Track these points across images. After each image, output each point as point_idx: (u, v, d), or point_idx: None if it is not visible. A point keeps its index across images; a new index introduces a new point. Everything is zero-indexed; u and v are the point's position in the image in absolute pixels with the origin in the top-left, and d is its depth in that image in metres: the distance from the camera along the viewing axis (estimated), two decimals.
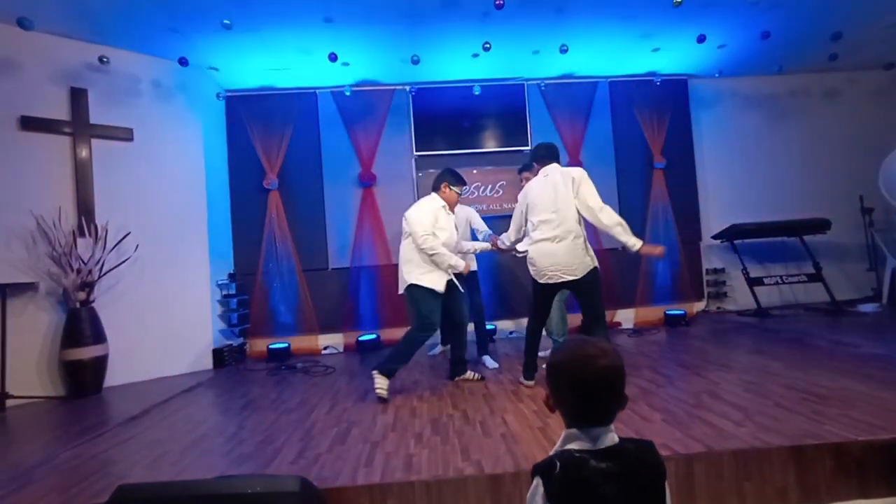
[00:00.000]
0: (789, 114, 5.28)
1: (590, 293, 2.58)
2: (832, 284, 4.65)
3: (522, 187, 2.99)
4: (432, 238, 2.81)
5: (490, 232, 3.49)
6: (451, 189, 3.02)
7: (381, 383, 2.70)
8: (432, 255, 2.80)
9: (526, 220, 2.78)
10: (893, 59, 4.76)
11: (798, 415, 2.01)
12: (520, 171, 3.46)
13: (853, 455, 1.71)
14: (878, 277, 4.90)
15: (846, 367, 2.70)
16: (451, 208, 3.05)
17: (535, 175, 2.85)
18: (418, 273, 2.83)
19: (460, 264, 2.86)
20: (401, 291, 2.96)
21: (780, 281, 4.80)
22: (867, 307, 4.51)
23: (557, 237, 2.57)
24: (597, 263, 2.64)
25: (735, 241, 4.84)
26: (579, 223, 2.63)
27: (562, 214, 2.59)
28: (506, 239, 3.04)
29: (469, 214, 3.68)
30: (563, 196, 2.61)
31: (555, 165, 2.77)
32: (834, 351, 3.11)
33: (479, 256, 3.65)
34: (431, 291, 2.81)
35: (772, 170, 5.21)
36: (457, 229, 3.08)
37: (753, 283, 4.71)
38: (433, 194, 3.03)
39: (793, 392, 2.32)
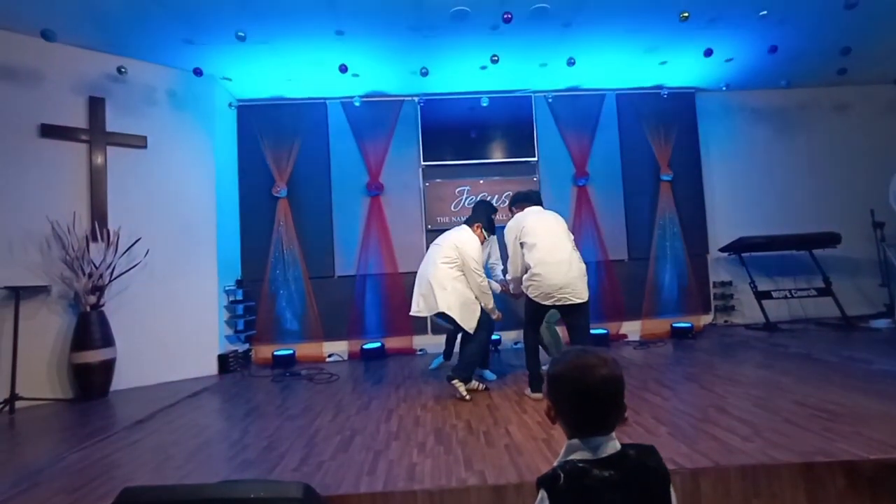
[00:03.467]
0: (798, 127, 5.26)
1: (586, 316, 2.72)
2: (843, 299, 4.58)
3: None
4: (483, 274, 2.97)
5: (499, 269, 3.57)
6: (482, 231, 3.12)
7: (458, 386, 2.82)
8: (484, 292, 2.95)
9: (522, 248, 2.79)
10: None
11: (808, 431, 1.98)
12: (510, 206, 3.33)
13: (865, 474, 1.67)
14: (891, 293, 4.81)
15: (858, 383, 2.65)
16: None
17: (519, 212, 2.95)
18: (456, 304, 2.91)
19: (496, 310, 3.03)
20: (424, 314, 3.02)
21: (788, 295, 4.73)
22: (879, 323, 4.43)
23: (568, 261, 2.68)
24: None
25: (743, 254, 4.80)
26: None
27: (565, 243, 2.75)
28: (507, 277, 3.06)
29: (492, 244, 3.57)
30: (563, 230, 2.82)
31: (540, 208, 2.95)
32: (845, 367, 3.06)
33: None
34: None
35: (780, 183, 5.18)
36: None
37: (761, 296, 4.66)
38: (468, 228, 3.09)
39: (803, 408, 2.28)
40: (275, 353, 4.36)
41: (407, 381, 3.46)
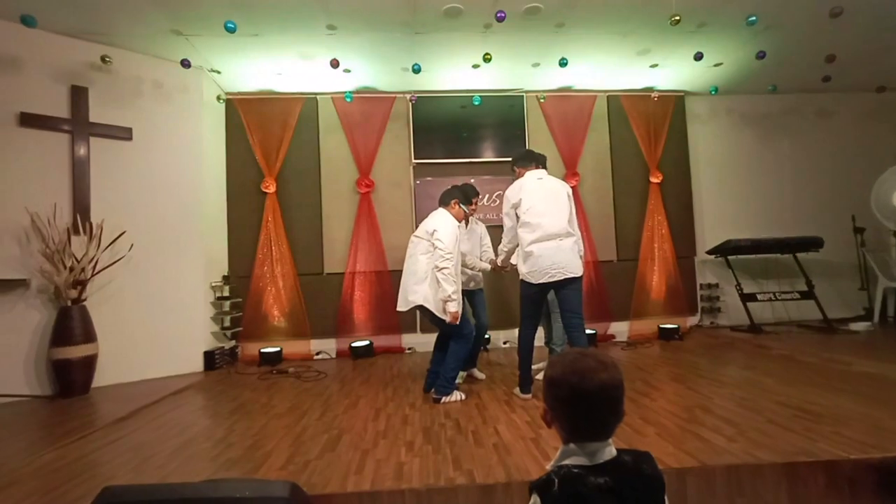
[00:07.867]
0: (784, 132, 5.36)
1: (579, 290, 2.72)
2: (824, 302, 4.68)
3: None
4: (451, 261, 2.76)
5: (490, 256, 3.45)
6: (459, 206, 3.02)
7: (450, 399, 2.77)
8: (443, 277, 2.71)
9: (517, 220, 2.78)
10: (885, 82, 4.85)
11: (790, 431, 2.01)
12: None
13: (845, 473, 1.71)
14: (870, 296, 4.94)
15: (838, 384, 2.71)
16: None
17: (520, 177, 2.88)
18: (433, 296, 2.78)
19: (455, 303, 2.73)
20: (403, 309, 2.90)
21: (773, 297, 4.82)
22: (859, 325, 4.55)
23: (562, 235, 2.68)
24: None
25: (729, 257, 4.88)
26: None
27: (563, 217, 2.71)
28: (501, 249, 3.01)
29: (483, 232, 3.55)
30: (562, 201, 2.75)
31: (544, 171, 2.90)
32: (826, 368, 3.13)
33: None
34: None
35: (766, 187, 5.28)
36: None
37: (747, 298, 4.74)
38: (442, 210, 2.98)
39: (785, 409, 2.32)
40: (262, 350, 4.30)
41: (395, 380, 3.44)
